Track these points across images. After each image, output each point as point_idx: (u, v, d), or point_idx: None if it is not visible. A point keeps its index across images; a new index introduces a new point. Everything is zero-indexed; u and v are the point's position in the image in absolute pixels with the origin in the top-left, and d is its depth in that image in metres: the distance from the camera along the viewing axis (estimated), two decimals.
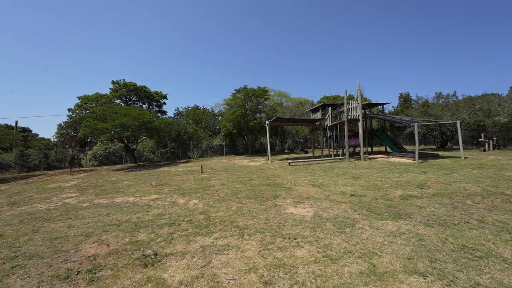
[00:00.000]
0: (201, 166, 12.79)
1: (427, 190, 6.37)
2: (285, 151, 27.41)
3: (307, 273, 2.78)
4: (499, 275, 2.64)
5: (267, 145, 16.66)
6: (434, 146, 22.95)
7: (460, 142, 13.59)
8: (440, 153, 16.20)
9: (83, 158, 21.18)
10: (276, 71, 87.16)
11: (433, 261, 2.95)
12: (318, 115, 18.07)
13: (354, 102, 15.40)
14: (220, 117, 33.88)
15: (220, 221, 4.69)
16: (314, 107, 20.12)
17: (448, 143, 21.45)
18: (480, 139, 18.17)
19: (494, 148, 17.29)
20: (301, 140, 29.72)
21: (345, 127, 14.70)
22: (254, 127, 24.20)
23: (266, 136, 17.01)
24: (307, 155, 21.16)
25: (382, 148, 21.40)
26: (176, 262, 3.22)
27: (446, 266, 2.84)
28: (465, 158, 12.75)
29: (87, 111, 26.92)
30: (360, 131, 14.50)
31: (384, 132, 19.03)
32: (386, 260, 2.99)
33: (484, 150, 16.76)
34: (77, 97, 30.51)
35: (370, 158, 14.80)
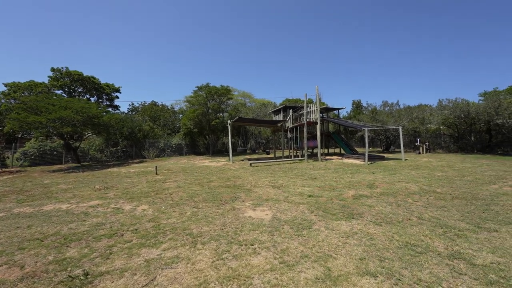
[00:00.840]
0: (156, 167, 11.82)
1: (375, 190, 6.88)
2: (247, 151, 27.41)
3: (263, 283, 2.60)
4: (436, 269, 2.85)
5: (229, 145, 16.35)
6: (380, 149, 25.56)
7: (402, 145, 15.34)
8: (385, 155, 18.06)
9: (8, 157, 17.77)
10: (241, 71, 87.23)
11: (382, 260, 3.06)
12: (280, 117, 18.47)
13: (313, 106, 16.15)
14: (180, 115, 32.25)
15: (171, 229, 4.24)
16: (276, 109, 20.52)
17: (392, 146, 24.12)
18: (416, 143, 20.86)
19: (426, 151, 20.04)
20: (264, 141, 30.11)
21: (305, 129, 15.28)
22: (216, 127, 23.58)
23: (228, 136, 16.67)
24: (268, 155, 21.46)
25: (337, 150, 22.98)
26: (112, 282, 2.72)
27: (393, 264, 2.96)
28: (405, 160, 14.39)
29: (16, 101, 22.74)
30: (318, 133, 15.24)
31: (339, 135, 20.44)
32: (340, 263, 3.00)
33: (419, 153, 19.28)
34: (3, 83, 25.58)
35: (326, 159, 15.66)
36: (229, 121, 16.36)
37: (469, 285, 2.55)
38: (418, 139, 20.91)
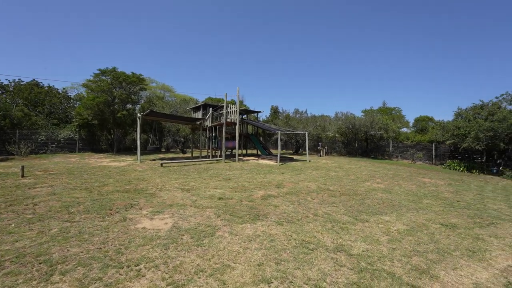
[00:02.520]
0: (23, 166, 8.76)
1: (282, 189, 7.33)
2: (162, 150, 24.94)
3: None
4: (323, 265, 3.05)
5: (137, 142, 14.20)
6: (291, 151, 28.59)
7: (307, 149, 17.57)
8: (295, 156, 20.23)
9: None
10: (163, 62, 78.94)
11: (279, 262, 3.05)
12: (199, 115, 17.63)
13: (234, 107, 16.23)
14: (78, 103, 25.94)
15: (17, 257, 2.98)
16: (196, 106, 19.51)
17: (300, 149, 27.41)
18: (318, 147, 24.48)
19: (325, 154, 23.83)
20: (182, 139, 28.19)
21: (223, 129, 15.12)
22: (123, 120, 20.16)
23: (137, 131, 14.50)
24: (185, 155, 20.13)
25: (255, 151, 24.11)
26: None
27: (288, 266, 2.98)
28: (309, 161, 16.47)
29: None
30: (237, 134, 15.41)
31: (257, 137, 21.48)
32: (237, 273, 2.77)
33: (320, 156, 22.69)
34: None
35: (244, 160, 16.02)
36: (138, 115, 14.23)
37: (347, 276, 2.82)
38: (320, 144, 24.65)
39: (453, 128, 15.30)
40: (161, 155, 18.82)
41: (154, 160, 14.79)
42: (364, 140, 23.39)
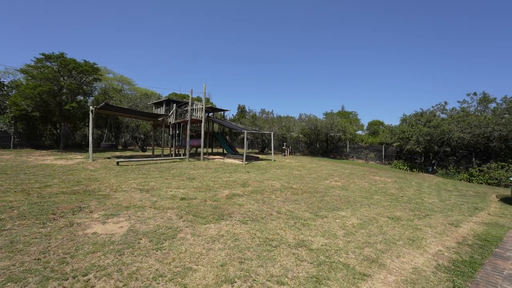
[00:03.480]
0: None
1: (248, 188, 7.37)
2: (119, 147, 22.99)
3: None
4: (285, 261, 3.15)
5: (89, 138, 12.80)
6: (257, 150, 28.95)
7: (272, 148, 17.99)
8: (261, 156, 20.54)
9: None
10: (121, 51, 72.00)
11: (242, 261, 3.05)
12: (162, 111, 16.67)
13: (200, 104, 15.75)
14: (15, 91, 22.22)
15: None
16: (158, 101, 18.40)
17: (266, 148, 27.94)
18: (283, 147, 25.26)
19: (289, 154, 24.72)
20: (142, 136, 26.35)
21: (188, 127, 14.57)
22: (73, 113, 17.95)
23: (89, 126, 13.07)
24: (145, 153, 18.88)
25: (221, 150, 23.80)
26: None
27: (251, 264, 3.00)
28: (274, 160, 16.88)
29: None
30: (202, 132, 14.99)
31: (223, 136, 21.23)
32: (199, 275, 2.69)
33: (285, 155, 23.45)
34: None
35: (209, 159, 15.68)
36: (91, 108, 12.84)
37: (307, 270, 2.95)
38: (285, 144, 25.47)
39: (399, 132, 17.25)
40: (118, 153, 17.32)
41: (109, 158, 13.53)
42: (325, 141, 24.87)
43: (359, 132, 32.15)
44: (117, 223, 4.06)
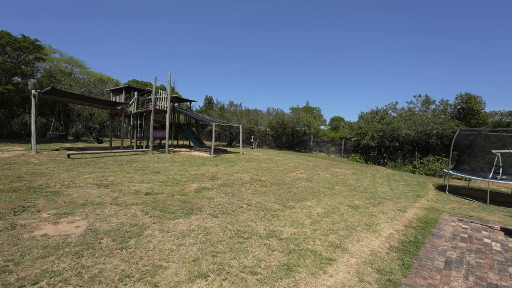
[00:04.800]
0: None
1: (217, 182, 7.29)
2: (69, 138, 20.53)
3: None
4: (257, 252, 3.23)
5: (31, 127, 11.13)
6: (225, 143, 28.67)
7: (240, 141, 17.99)
8: (229, 149, 20.39)
9: None
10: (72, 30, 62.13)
11: (215, 255, 3.03)
12: (121, 98, 15.26)
13: (164, 93, 14.83)
14: None
15: None
16: (117, 87, 16.78)
17: (234, 141, 27.82)
18: (251, 140, 25.46)
19: (257, 147, 25.05)
20: (98, 126, 23.89)
21: (151, 117, 13.66)
22: (8, 97, 15.36)
23: (31, 113, 11.34)
24: (101, 145, 17.22)
25: (187, 142, 22.96)
26: None
27: (224, 257, 3.01)
28: (243, 153, 16.94)
29: None
30: (167, 123, 14.22)
31: (190, 128, 20.45)
32: (171, 272, 2.60)
33: (252, 148, 23.68)
34: None
35: (174, 151, 15.00)
36: (33, 92, 11.11)
37: (278, 259, 3.07)
38: (252, 137, 25.69)
39: (357, 127, 18.75)
40: (68, 144, 15.45)
41: (57, 150, 11.99)
42: (291, 135, 25.76)
43: (322, 127, 34.03)
44: (72, 222, 3.66)
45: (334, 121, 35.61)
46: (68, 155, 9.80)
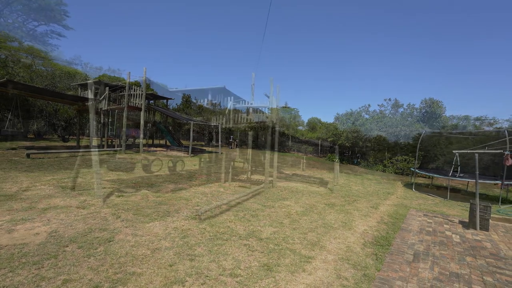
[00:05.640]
0: None
1: (194, 182, 7.08)
2: (29, 136, 18.71)
3: None
4: (237, 253, 3.16)
5: None
6: (203, 143, 28.12)
7: (220, 141, 17.75)
8: (207, 148, 20.03)
9: None
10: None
11: (193, 259, 2.92)
12: (90, 94, 14.24)
13: (139, 90, 14.12)
14: None
15: None
16: (85, 82, 15.62)
17: (212, 141, 27.40)
18: (230, 140, 25.26)
19: (236, 146, 24.92)
20: (63, 123, 22.04)
21: (124, 114, 12.93)
22: None
23: None
24: (67, 144, 15.93)
25: (163, 141, 22.12)
26: None
27: (203, 260, 2.91)
28: (221, 153, 16.73)
29: None
30: (142, 121, 13.56)
31: (167, 127, 19.72)
32: (145, 279, 2.44)
33: (232, 148, 23.50)
34: None
35: (150, 151, 14.36)
36: None
37: (258, 259, 3.04)
38: (232, 136, 25.51)
39: (333, 129, 19.48)
40: (28, 143, 14.04)
41: (14, 149, 10.84)
42: (270, 135, 26.06)
43: (300, 127, 34.85)
44: (30, 229, 3.29)
45: (311, 122, 36.62)
46: (28, 155, 8.88)
